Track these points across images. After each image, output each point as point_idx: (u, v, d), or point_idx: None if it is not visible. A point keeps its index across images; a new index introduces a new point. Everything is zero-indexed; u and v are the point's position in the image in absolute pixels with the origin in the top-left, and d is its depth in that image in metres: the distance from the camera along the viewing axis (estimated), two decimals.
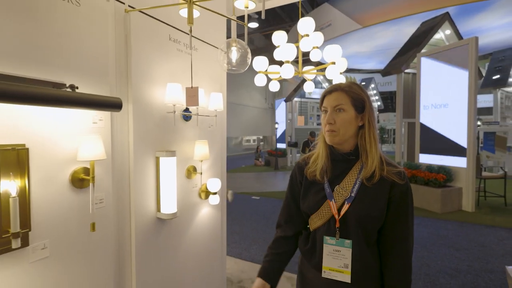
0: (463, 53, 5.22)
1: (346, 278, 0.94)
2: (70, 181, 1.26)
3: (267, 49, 17.59)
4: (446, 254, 3.43)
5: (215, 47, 2.16)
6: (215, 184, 2.02)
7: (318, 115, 14.74)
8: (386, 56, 11.96)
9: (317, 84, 13.76)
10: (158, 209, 1.73)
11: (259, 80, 2.41)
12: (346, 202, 0.95)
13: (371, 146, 0.95)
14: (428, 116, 6.02)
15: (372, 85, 14.28)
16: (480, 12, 7.60)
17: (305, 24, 2.08)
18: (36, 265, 1.14)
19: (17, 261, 1.09)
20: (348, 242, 0.95)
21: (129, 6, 1.27)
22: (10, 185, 1.02)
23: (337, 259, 0.96)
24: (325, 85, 14.81)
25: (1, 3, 1.03)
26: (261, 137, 21.83)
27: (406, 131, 7.73)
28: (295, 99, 12.75)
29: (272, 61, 2.61)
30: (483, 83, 9.15)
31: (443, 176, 5.29)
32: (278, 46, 2.26)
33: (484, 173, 5.75)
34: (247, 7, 1.32)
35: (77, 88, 1.15)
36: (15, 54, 1.07)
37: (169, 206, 1.71)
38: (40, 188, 1.15)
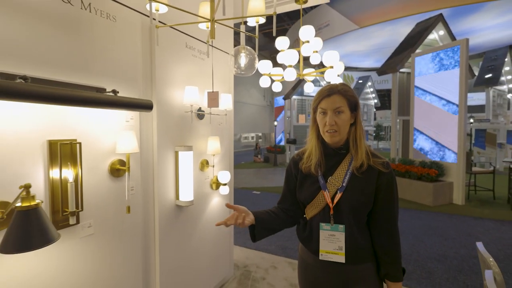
0: (454, 54, 5.46)
1: (341, 258, 1.05)
2: (109, 171, 1.48)
3: (266, 47, 17.75)
4: (435, 242, 3.70)
5: (226, 52, 2.38)
6: (225, 176, 2.25)
7: None
8: (382, 55, 12.21)
9: (315, 82, 13.99)
10: (177, 197, 1.96)
11: (264, 82, 2.64)
12: (338, 192, 1.05)
13: (360, 140, 1.07)
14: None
15: (369, 83, 14.54)
16: (473, 13, 7.86)
17: (306, 32, 2.31)
18: (84, 240, 1.37)
19: (71, 236, 1.31)
20: (341, 226, 1.05)
21: (159, 22, 1.49)
22: (68, 173, 1.24)
23: (332, 242, 1.06)
24: (323, 83, 15.10)
25: (56, 23, 1.24)
26: (259, 134, 22.04)
27: (401, 128, 7.99)
28: (293, 96, 12.98)
29: (272, 59, 2.82)
30: (476, 82, 9.43)
31: (435, 171, 5.56)
32: (282, 50, 2.49)
33: (474, 169, 6.03)
34: (258, 22, 1.54)
35: (118, 92, 1.38)
36: (66, 64, 1.29)
37: (186, 195, 1.95)
38: (87, 176, 1.37)
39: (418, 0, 7.39)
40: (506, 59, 9.31)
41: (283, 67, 2.81)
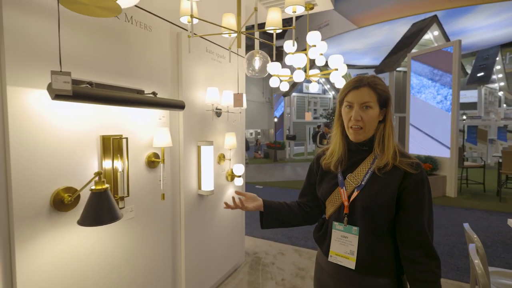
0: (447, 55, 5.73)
1: (351, 264, 0.94)
2: (146, 163, 1.69)
3: (266, 44, 17.88)
4: None
5: (239, 55, 2.59)
6: (239, 169, 2.47)
7: (315, 109, 15.20)
8: (379, 53, 12.46)
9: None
10: (199, 187, 2.18)
11: (273, 82, 2.85)
12: (356, 190, 0.96)
13: (389, 140, 0.95)
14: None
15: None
16: (466, 14, 8.14)
17: (313, 37, 2.53)
18: (127, 223, 1.59)
19: None
20: (355, 229, 0.95)
21: (193, 33, 1.68)
22: (118, 163, 1.45)
23: (344, 245, 0.97)
24: (327, 86, 15.42)
25: (107, 34, 1.44)
26: (258, 131, 22.25)
27: (397, 125, 8.27)
28: (293, 94, 13.20)
29: (271, 56, 3.05)
30: (468, 80, 9.75)
31: (430, 166, 5.84)
32: (290, 53, 2.70)
33: (466, 163, 6.32)
34: (275, 32, 1.75)
35: (157, 94, 1.58)
36: (113, 69, 1.49)
37: (207, 185, 2.16)
38: (130, 167, 1.58)
39: (414, 2, 7.65)
40: (497, 58, 9.64)
41: (291, 68, 3.02)
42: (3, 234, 1.11)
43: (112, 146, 1.42)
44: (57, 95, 0.97)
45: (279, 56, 12.57)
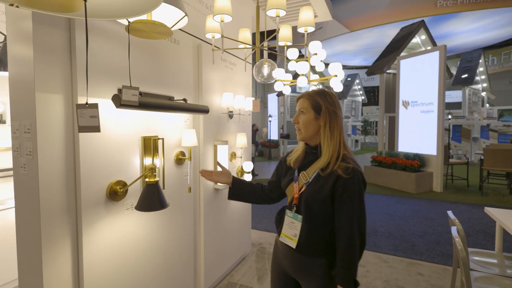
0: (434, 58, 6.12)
1: (293, 244, 1.15)
2: (174, 160, 1.93)
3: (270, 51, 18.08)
4: (417, 222, 4.32)
5: (249, 63, 2.83)
6: (249, 166, 2.72)
7: None
8: (369, 54, 12.90)
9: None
10: (215, 182, 2.41)
11: (278, 86, 3.11)
12: (304, 185, 1.15)
13: (324, 143, 1.13)
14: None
15: (357, 81, 15.24)
16: (451, 19, 8.60)
17: (315, 46, 2.79)
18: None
19: None
20: (300, 217, 1.15)
21: (215, 46, 1.93)
22: (156, 161, 1.68)
23: (291, 229, 1.17)
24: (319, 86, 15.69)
25: (142, 48, 1.67)
26: None
27: (388, 124, 8.67)
28: (287, 93, 13.50)
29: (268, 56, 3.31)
30: (453, 81, 10.26)
31: (418, 163, 6.23)
32: (292, 59, 2.97)
33: (451, 160, 6.75)
34: (286, 45, 2.00)
35: (187, 100, 1.82)
36: (151, 79, 1.71)
37: None
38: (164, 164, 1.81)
39: (403, 8, 8.06)
40: (480, 61, 10.18)
41: (292, 73, 3.27)
42: (73, 219, 1.33)
43: (152, 145, 1.65)
44: (124, 105, 1.20)
45: (273, 56, 12.80)
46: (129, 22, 1.13)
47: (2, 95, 2.35)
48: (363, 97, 16.52)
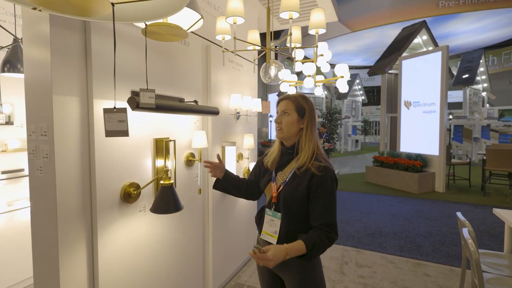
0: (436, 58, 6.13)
1: (274, 241, 1.20)
2: (184, 162, 1.93)
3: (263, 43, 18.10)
4: (421, 223, 4.33)
5: (255, 64, 2.83)
6: None
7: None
8: (370, 54, 12.92)
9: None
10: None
11: (284, 87, 3.12)
12: (282, 184, 1.21)
13: (305, 145, 1.20)
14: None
15: (357, 81, 15.26)
16: (452, 19, 8.62)
17: (321, 47, 2.80)
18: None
19: None
20: (279, 214, 1.21)
21: (225, 48, 1.92)
22: (168, 162, 1.68)
23: (271, 226, 1.23)
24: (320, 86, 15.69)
25: (154, 51, 1.67)
26: None
27: (389, 124, 8.69)
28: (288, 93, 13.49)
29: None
30: (454, 81, 10.28)
31: (420, 163, 6.24)
32: (298, 60, 2.97)
33: (453, 160, 6.76)
34: (296, 47, 2.01)
35: (197, 102, 1.82)
36: (162, 81, 1.71)
37: None
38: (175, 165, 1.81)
39: (405, 9, 8.08)
40: (481, 61, 10.20)
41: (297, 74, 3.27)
42: (88, 221, 1.33)
43: (164, 147, 1.65)
44: (142, 107, 1.21)
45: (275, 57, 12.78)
46: (146, 25, 1.13)
47: (10, 96, 2.35)
48: (363, 97, 16.54)
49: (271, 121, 13.40)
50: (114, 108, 0.91)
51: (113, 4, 0.73)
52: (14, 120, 2.37)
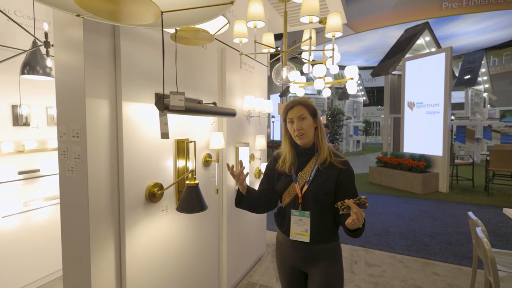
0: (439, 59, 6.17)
1: (306, 239, 1.24)
2: (202, 162, 1.96)
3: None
4: (426, 223, 4.36)
5: (263, 64, 2.87)
6: None
7: None
8: (371, 55, 12.97)
9: (309, 80, 14.56)
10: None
11: (293, 88, 3.15)
12: (306, 184, 1.25)
13: (323, 141, 1.29)
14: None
15: (359, 81, 15.30)
16: (454, 20, 8.68)
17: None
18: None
19: None
20: (307, 213, 1.24)
21: (255, 54, 1.96)
22: (188, 163, 1.72)
23: (300, 226, 1.25)
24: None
25: (173, 53, 1.70)
26: None
27: (392, 125, 8.73)
28: (290, 94, 13.54)
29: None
30: (456, 82, 10.33)
31: (424, 163, 6.28)
32: (307, 62, 3.01)
33: (456, 161, 6.81)
34: (310, 49, 2.04)
35: (216, 104, 1.85)
36: (184, 83, 1.74)
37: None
38: (192, 165, 1.84)
39: (408, 10, 8.13)
40: (482, 62, 10.26)
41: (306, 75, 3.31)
42: (115, 220, 1.36)
43: (186, 148, 1.68)
44: (170, 109, 1.24)
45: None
46: (176, 30, 1.17)
47: (28, 97, 2.38)
48: (364, 98, 16.58)
49: (273, 122, 13.43)
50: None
51: (162, 12, 0.77)
52: (30, 121, 2.40)
